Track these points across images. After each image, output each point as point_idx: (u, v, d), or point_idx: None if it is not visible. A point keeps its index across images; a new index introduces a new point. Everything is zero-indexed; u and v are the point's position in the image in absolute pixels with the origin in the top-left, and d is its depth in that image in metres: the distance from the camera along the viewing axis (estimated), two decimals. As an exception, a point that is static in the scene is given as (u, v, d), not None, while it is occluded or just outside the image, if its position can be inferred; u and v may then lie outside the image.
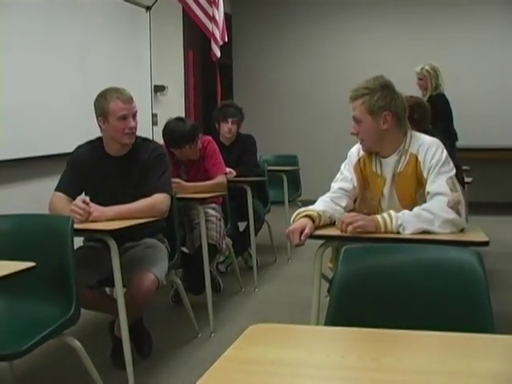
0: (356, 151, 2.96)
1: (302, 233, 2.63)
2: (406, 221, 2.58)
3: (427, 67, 5.96)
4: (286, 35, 9.20)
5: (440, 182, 2.65)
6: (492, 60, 8.54)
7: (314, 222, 2.67)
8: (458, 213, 2.58)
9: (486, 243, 2.44)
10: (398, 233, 2.58)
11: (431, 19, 8.66)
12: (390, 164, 2.83)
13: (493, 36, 8.54)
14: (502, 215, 7.78)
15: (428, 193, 2.69)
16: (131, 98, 3.28)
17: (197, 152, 4.29)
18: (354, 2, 8.93)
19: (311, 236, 2.64)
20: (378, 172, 2.87)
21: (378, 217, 2.63)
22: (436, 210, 2.57)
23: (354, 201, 2.95)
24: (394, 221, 2.59)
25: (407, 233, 2.57)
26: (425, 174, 2.72)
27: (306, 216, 2.68)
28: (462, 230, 2.61)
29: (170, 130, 4.21)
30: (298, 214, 2.71)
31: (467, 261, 1.91)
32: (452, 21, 8.67)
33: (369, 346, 1.53)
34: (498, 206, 8.19)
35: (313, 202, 2.85)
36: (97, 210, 3.04)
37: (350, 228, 2.59)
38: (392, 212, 2.63)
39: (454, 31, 8.67)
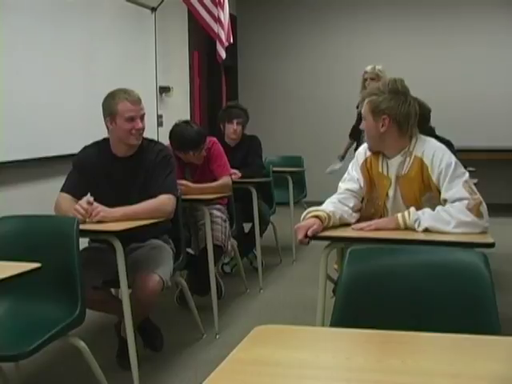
0: (363, 151, 2.98)
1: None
2: (422, 218, 2.63)
3: (379, 67, 5.57)
4: (291, 36, 9.19)
5: (457, 188, 2.66)
6: (495, 61, 8.54)
7: (322, 222, 2.68)
8: (480, 215, 2.59)
9: (491, 245, 2.43)
10: (414, 229, 2.64)
11: (440, 20, 8.65)
12: (394, 165, 2.84)
13: (496, 37, 8.53)
14: (506, 217, 7.75)
15: (445, 200, 2.68)
16: (139, 100, 3.29)
17: (201, 158, 4.29)
18: (360, 4, 8.93)
19: (317, 237, 2.64)
20: (384, 173, 2.88)
21: (398, 214, 2.70)
22: (454, 212, 2.59)
23: (362, 200, 2.96)
24: (411, 216, 2.65)
25: (421, 229, 2.62)
26: (434, 179, 2.72)
27: (315, 216, 2.69)
28: (484, 232, 2.61)
29: (176, 133, 4.21)
30: (307, 213, 2.72)
31: (473, 262, 1.91)
32: (454, 21, 8.66)
33: (374, 347, 1.53)
34: (502, 207, 8.17)
35: (318, 203, 2.85)
36: (104, 210, 3.05)
37: (371, 227, 2.69)
38: (412, 209, 2.69)
39: (458, 33, 8.66)
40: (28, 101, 4.25)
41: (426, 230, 2.62)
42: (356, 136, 5.75)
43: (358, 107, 5.78)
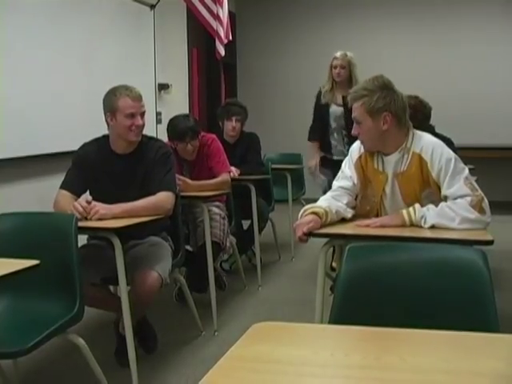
0: (357, 148, 2.96)
1: None
2: (428, 214, 2.64)
3: (350, 54, 5.05)
4: (291, 34, 9.19)
5: (458, 185, 2.66)
6: (494, 59, 8.53)
7: (320, 218, 2.68)
8: (483, 211, 2.61)
9: (490, 242, 2.43)
10: (420, 226, 2.65)
11: (439, 18, 8.65)
12: (391, 162, 2.83)
13: (494, 36, 8.53)
14: (506, 214, 7.75)
15: (446, 197, 2.68)
16: (140, 97, 3.29)
17: (188, 154, 4.26)
18: (358, 2, 8.92)
19: (316, 234, 2.64)
20: (380, 169, 2.87)
21: (403, 211, 2.70)
22: (457, 209, 2.60)
23: (356, 198, 2.96)
24: (417, 213, 2.66)
25: (428, 226, 2.63)
26: (434, 175, 2.72)
27: (313, 213, 2.69)
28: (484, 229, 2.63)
29: (172, 123, 4.28)
30: (305, 211, 2.73)
31: (472, 260, 1.91)
32: (453, 20, 8.66)
33: (373, 344, 1.53)
34: (501, 205, 8.17)
35: (316, 201, 2.85)
36: (104, 207, 3.04)
37: (376, 224, 2.69)
38: (417, 205, 2.69)
39: (458, 31, 8.65)
40: (26, 98, 4.24)
41: (433, 227, 2.63)
42: (320, 134, 5.16)
43: (319, 100, 5.46)
